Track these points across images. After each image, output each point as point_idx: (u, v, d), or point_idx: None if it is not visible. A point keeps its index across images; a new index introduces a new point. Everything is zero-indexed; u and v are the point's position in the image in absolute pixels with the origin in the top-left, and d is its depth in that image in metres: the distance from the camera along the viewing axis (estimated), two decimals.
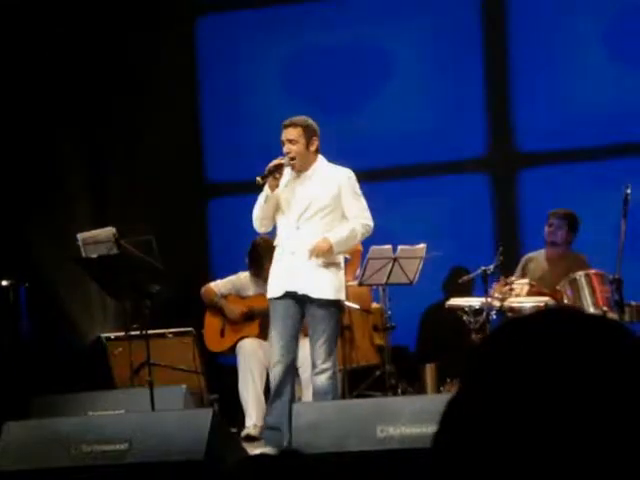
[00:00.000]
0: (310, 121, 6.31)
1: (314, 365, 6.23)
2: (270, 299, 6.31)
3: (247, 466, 1.57)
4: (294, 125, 6.25)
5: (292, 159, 6.18)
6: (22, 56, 9.09)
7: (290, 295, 6.20)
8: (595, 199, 8.43)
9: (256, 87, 9.30)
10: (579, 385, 1.10)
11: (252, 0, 9.50)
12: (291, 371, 6.29)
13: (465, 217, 8.90)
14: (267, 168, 6.13)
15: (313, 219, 6.18)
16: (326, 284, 6.20)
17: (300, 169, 6.24)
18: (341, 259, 6.35)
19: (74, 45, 9.33)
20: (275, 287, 6.27)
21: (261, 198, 6.24)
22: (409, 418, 5.21)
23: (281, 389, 6.21)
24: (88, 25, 9.39)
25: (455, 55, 9.02)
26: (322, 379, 6.20)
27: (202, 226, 9.55)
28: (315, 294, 6.16)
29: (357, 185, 6.27)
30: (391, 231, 8.29)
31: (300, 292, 6.17)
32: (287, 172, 6.23)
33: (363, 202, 6.27)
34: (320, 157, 6.30)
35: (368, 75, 9.18)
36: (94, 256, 6.94)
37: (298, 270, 6.16)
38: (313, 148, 6.24)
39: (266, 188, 6.16)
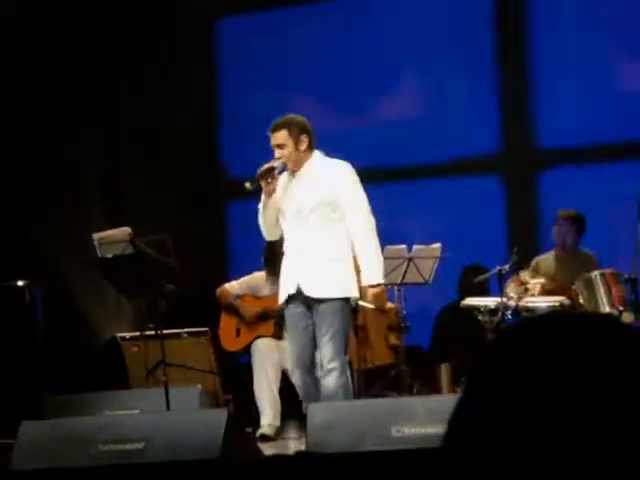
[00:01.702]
0: (296, 119, 5.95)
1: (321, 366, 5.90)
2: (283, 304, 6.10)
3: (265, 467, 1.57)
4: (278, 128, 5.93)
5: (284, 163, 5.91)
6: (38, 52, 9.11)
7: (300, 296, 5.92)
8: (611, 198, 8.41)
9: (274, 87, 9.30)
10: (587, 387, 1.10)
11: (270, 2, 9.51)
12: (310, 372, 6.00)
13: (480, 216, 8.90)
14: (258, 173, 5.86)
15: (310, 217, 5.88)
16: (331, 282, 5.86)
17: (294, 169, 5.95)
18: (349, 254, 5.93)
19: (92, 42, 9.36)
20: (282, 292, 6.03)
21: (260, 206, 6.01)
22: (424, 418, 5.20)
23: (309, 391, 6.01)
24: (105, 24, 9.42)
25: (469, 54, 9.01)
26: (329, 381, 5.85)
27: (219, 226, 9.57)
28: (317, 294, 5.86)
29: (355, 177, 5.93)
30: (405, 231, 8.29)
31: (306, 293, 5.89)
32: (284, 174, 5.98)
33: (362, 193, 5.92)
34: (315, 153, 5.98)
35: (381, 74, 9.18)
36: (109, 256, 6.95)
37: (301, 270, 5.88)
38: (303, 147, 5.90)
39: (262, 195, 5.94)
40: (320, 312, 5.88)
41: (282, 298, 6.04)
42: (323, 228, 5.89)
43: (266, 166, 5.88)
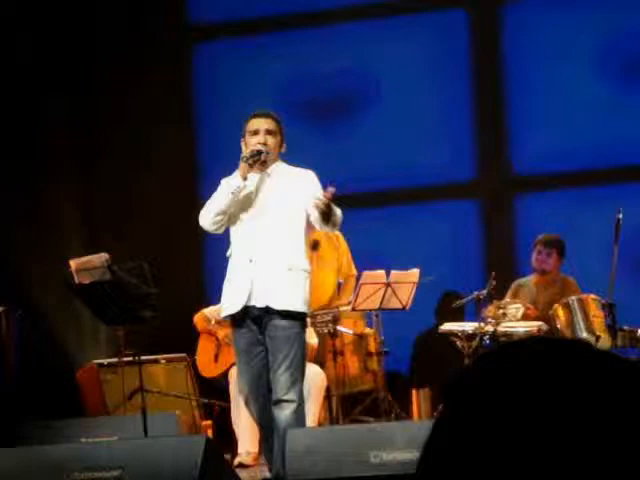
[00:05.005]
0: (282, 123, 5.70)
1: (275, 395, 5.46)
2: (229, 320, 5.63)
3: None
4: (272, 117, 5.61)
5: (267, 152, 5.50)
6: (16, 75, 9.10)
7: (250, 313, 5.49)
8: (588, 223, 8.44)
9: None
10: (562, 414, 1.10)
11: (248, 28, 9.52)
12: (267, 404, 5.56)
13: (458, 242, 8.92)
14: (250, 152, 5.45)
15: (272, 223, 5.50)
16: (291, 294, 5.45)
17: (263, 167, 5.54)
18: (307, 267, 5.60)
19: (70, 76, 9.36)
20: (232, 304, 5.52)
21: (227, 189, 5.48)
22: (402, 443, 5.20)
23: (269, 421, 5.60)
24: (86, 56, 9.42)
25: (446, 82, 9.05)
26: (286, 414, 5.44)
27: (198, 252, 9.54)
28: (277, 305, 5.42)
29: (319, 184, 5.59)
30: (383, 256, 8.30)
31: (259, 305, 5.45)
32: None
33: None
34: (280, 160, 5.68)
35: (360, 99, 9.21)
36: (86, 282, 6.93)
37: (258, 279, 5.44)
38: (282, 150, 5.67)
39: (239, 176, 5.47)
40: (275, 335, 5.44)
41: (231, 309, 5.53)
42: (284, 233, 5.52)
43: (258, 147, 5.51)
